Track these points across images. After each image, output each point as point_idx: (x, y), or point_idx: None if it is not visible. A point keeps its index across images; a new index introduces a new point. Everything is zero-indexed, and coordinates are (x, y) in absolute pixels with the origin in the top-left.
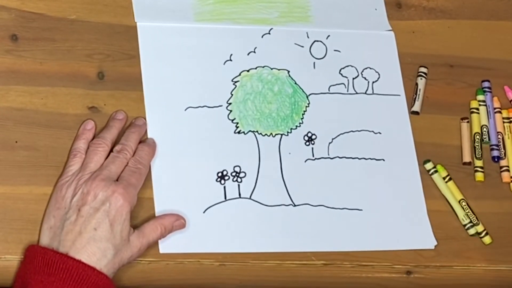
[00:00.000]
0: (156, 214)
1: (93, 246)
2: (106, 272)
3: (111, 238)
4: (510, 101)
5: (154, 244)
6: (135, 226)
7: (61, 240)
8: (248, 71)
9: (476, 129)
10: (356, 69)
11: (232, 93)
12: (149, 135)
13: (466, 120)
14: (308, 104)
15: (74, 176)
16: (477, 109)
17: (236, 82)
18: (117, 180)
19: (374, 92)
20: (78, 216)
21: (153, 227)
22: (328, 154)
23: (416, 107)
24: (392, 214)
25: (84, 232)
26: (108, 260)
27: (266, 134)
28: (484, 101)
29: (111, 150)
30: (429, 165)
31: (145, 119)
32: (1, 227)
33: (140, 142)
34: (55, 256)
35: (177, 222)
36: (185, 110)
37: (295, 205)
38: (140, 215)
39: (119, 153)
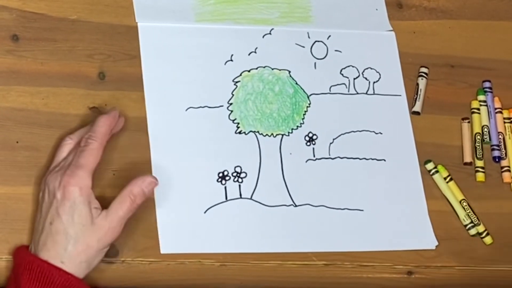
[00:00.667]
0: (157, 214)
1: (51, 240)
2: (71, 265)
3: (67, 228)
4: None
5: (155, 244)
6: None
7: (32, 240)
8: (249, 71)
9: (477, 129)
10: (357, 69)
11: (233, 93)
12: (150, 136)
13: (467, 120)
14: (309, 104)
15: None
16: (478, 109)
17: (237, 82)
18: None
19: (375, 92)
20: (40, 215)
21: (120, 200)
22: (329, 154)
23: (417, 107)
24: (393, 214)
25: (43, 228)
26: (69, 251)
27: (267, 134)
28: (485, 101)
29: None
30: (430, 165)
31: (116, 109)
32: (2, 227)
33: None
34: (25, 257)
35: (146, 183)
36: (186, 110)
37: (296, 206)
38: (142, 216)
39: (79, 145)
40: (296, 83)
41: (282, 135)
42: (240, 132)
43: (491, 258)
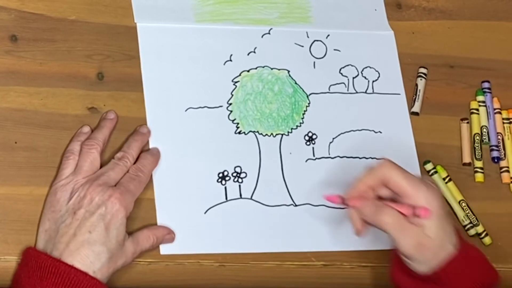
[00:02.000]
0: (157, 215)
1: (87, 249)
2: (100, 276)
3: (106, 242)
4: None
5: None
6: (133, 229)
7: (55, 242)
8: (248, 71)
9: (476, 129)
10: (356, 68)
11: (233, 93)
12: (150, 136)
13: (466, 121)
14: (309, 103)
15: (69, 179)
16: (477, 109)
17: (236, 82)
18: (115, 186)
19: (374, 91)
20: (73, 219)
21: (147, 236)
22: (329, 154)
23: (416, 107)
24: None
25: (79, 234)
26: (102, 263)
27: (266, 134)
28: (484, 102)
29: (112, 157)
30: (429, 166)
31: (148, 127)
32: (0, 227)
33: (143, 150)
34: (48, 261)
35: (168, 236)
36: (186, 110)
37: (296, 205)
38: (141, 215)
39: (119, 160)
40: (296, 83)
41: (282, 134)
42: (239, 132)
43: (491, 259)
